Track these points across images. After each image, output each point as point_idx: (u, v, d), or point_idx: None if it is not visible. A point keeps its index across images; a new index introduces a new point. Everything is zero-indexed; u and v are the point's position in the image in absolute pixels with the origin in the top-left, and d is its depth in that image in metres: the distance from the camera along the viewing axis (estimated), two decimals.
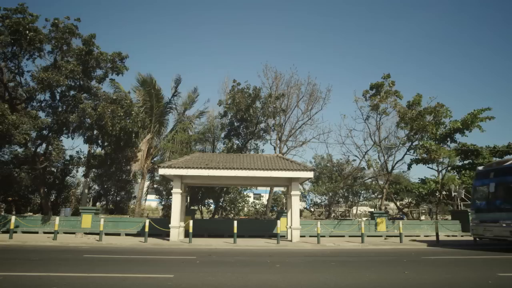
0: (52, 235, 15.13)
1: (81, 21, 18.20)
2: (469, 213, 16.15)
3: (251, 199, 32.10)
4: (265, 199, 34.16)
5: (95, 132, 20.18)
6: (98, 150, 24.41)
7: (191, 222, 14.67)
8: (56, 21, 17.53)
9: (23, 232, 17.06)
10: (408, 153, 23.78)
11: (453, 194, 23.05)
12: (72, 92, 18.70)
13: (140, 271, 7.38)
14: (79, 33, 18.11)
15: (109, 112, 17.93)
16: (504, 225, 12.47)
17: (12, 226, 14.71)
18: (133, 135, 21.04)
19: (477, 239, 14.15)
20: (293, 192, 16.41)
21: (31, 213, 21.59)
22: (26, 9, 16.94)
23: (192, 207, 24.05)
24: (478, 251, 12.47)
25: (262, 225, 19.68)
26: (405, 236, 15.68)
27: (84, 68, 18.20)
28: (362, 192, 32.61)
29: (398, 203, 27.09)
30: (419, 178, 30.59)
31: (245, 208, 30.18)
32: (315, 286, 6.31)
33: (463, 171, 25.90)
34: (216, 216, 26.47)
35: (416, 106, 22.56)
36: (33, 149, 19.34)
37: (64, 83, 17.47)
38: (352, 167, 27.83)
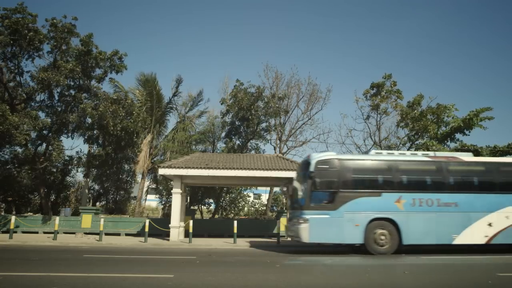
0: (52, 235, 15.12)
1: (78, 19, 18.16)
2: None
3: (251, 199, 32.09)
4: (265, 199, 34.14)
5: (95, 132, 20.18)
6: (98, 150, 24.41)
7: (191, 222, 14.67)
8: (54, 20, 17.49)
9: (23, 232, 17.06)
10: None
11: None
12: (71, 92, 18.69)
13: (140, 271, 7.37)
14: (77, 32, 18.08)
15: (110, 112, 17.92)
16: (295, 224, 11.46)
17: (12, 226, 14.71)
18: (134, 135, 21.05)
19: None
20: None
21: (31, 213, 21.59)
22: (25, 9, 16.92)
23: (192, 207, 24.03)
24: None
25: (262, 225, 19.66)
26: None
27: (83, 67, 18.19)
28: None
29: None
30: None
31: (245, 208, 30.16)
32: (315, 286, 6.30)
33: None
34: (216, 216, 26.46)
35: (417, 107, 22.55)
36: (33, 149, 19.34)
37: (64, 83, 17.47)
38: None
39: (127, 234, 17.46)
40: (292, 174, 15.73)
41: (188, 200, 23.59)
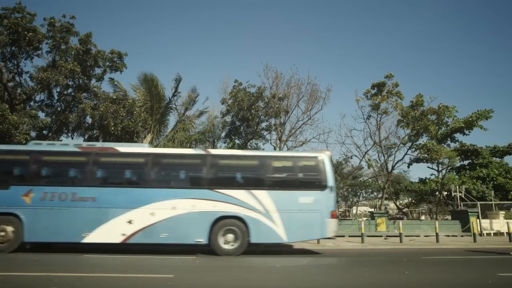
0: None
1: (76, 18, 18.10)
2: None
3: None
4: None
5: (95, 132, 20.17)
6: None
7: None
8: (52, 20, 17.46)
9: None
10: (408, 153, 23.81)
11: (453, 194, 23.12)
12: (70, 91, 18.67)
13: (140, 271, 7.36)
14: (76, 31, 18.03)
15: (111, 112, 17.91)
16: None
17: None
18: (135, 135, 21.04)
19: None
20: None
21: None
22: (24, 8, 16.89)
23: None
24: None
25: None
26: (405, 236, 15.72)
27: (82, 67, 18.17)
28: (362, 191, 32.49)
29: (398, 203, 27.14)
30: (419, 178, 30.70)
31: None
32: (316, 286, 6.30)
33: (463, 171, 25.95)
34: None
35: (418, 107, 22.59)
36: None
37: (63, 83, 17.45)
38: (352, 167, 27.81)
39: None
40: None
41: None
